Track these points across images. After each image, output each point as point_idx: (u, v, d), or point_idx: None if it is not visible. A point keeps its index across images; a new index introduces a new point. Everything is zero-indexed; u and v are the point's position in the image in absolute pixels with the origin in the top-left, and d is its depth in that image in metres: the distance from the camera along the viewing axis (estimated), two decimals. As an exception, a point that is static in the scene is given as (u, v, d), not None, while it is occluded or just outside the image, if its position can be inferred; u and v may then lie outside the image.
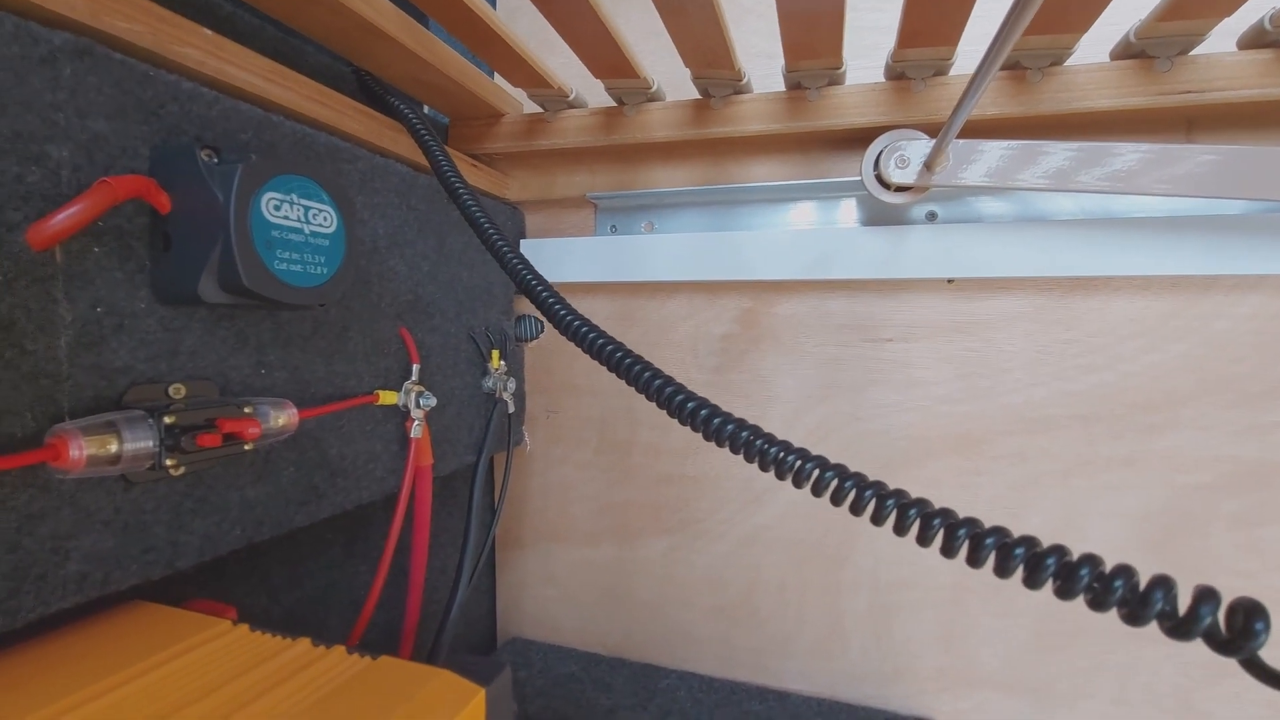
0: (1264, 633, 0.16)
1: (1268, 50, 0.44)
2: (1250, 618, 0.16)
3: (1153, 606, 0.17)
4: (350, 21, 0.42)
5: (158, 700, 0.25)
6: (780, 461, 0.25)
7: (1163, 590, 0.17)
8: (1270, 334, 0.49)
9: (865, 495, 0.23)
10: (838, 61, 0.49)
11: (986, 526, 0.20)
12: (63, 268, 0.27)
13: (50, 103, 0.27)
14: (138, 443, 0.28)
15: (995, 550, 0.20)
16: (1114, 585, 0.18)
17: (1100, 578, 0.18)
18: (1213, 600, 0.17)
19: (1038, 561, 0.19)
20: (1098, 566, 0.18)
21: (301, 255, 0.33)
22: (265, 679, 0.27)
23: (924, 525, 0.21)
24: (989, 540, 0.20)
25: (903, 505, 0.22)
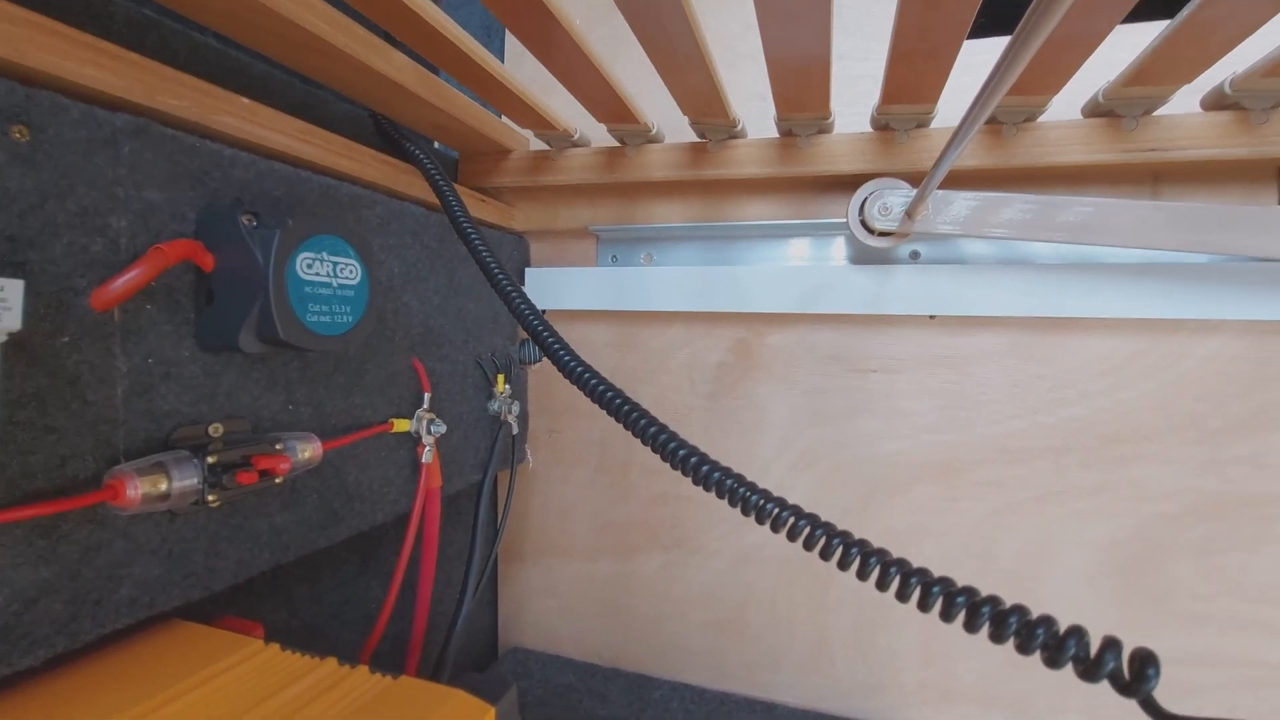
0: (1155, 678, 0.19)
1: (1226, 112, 0.47)
2: (1144, 665, 0.19)
3: (1067, 652, 0.20)
4: (369, 76, 0.45)
5: None
6: (760, 509, 0.28)
7: (1076, 638, 0.20)
8: (1230, 374, 0.52)
9: (833, 543, 0.26)
10: (826, 113, 0.52)
11: (934, 576, 0.24)
12: (119, 325, 0.31)
13: (112, 179, 0.30)
14: (185, 480, 0.31)
15: (941, 597, 0.23)
16: (1036, 633, 0.21)
17: (1027, 625, 0.21)
18: (1115, 648, 0.20)
19: (975, 609, 0.22)
20: (1024, 617, 0.21)
21: (330, 307, 0.36)
22: (297, 698, 0.30)
23: (882, 573, 0.24)
24: (935, 589, 0.23)
25: (864, 555, 0.25)
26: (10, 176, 0.26)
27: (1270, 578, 0.52)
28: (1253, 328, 0.51)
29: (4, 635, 0.27)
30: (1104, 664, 0.19)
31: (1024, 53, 0.22)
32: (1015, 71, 0.25)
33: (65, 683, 0.30)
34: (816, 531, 0.26)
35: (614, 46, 0.62)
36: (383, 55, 0.44)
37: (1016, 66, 0.24)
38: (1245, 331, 0.52)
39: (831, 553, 0.26)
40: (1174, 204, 0.45)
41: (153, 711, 0.28)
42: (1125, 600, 0.55)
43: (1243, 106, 0.47)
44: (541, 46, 0.45)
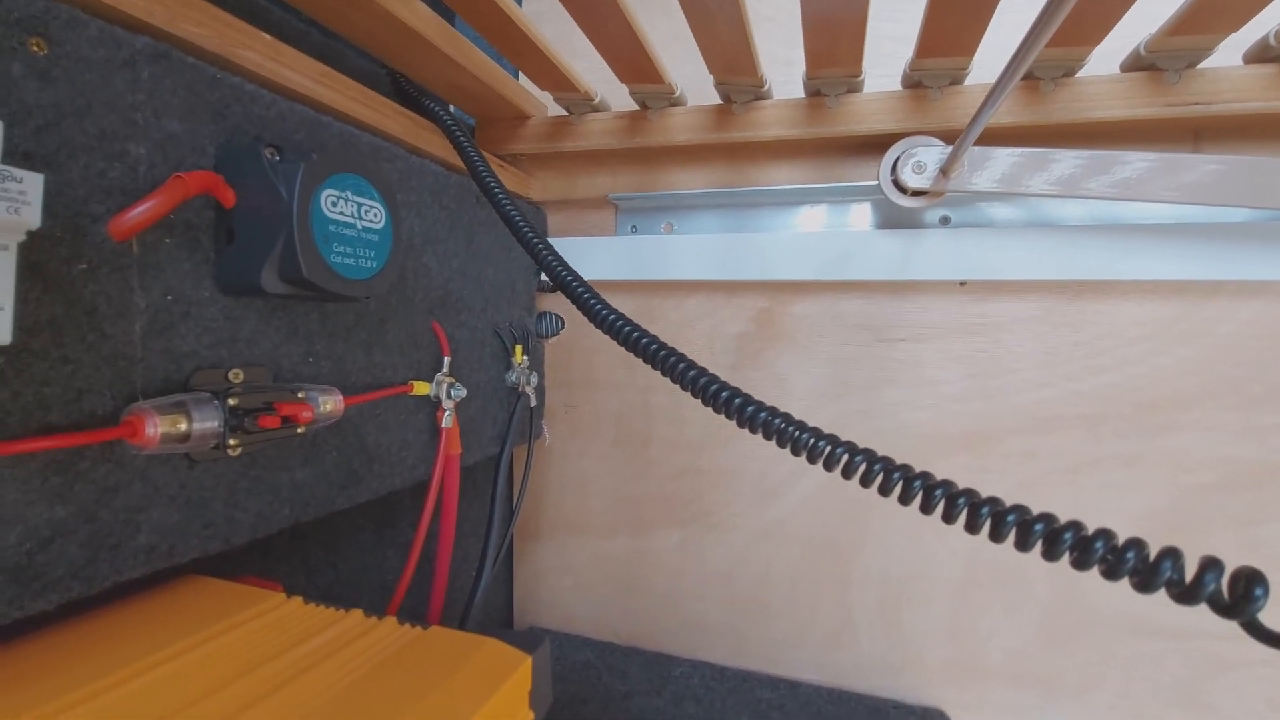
0: (1263, 598, 0.18)
1: (1271, 65, 0.46)
2: (1250, 584, 0.18)
3: (1161, 575, 0.19)
4: (390, 25, 0.44)
5: (218, 668, 0.26)
6: (812, 447, 0.26)
7: (1171, 560, 0.19)
8: (1271, 338, 0.50)
9: (894, 477, 0.24)
10: (858, 70, 0.51)
11: (1006, 505, 0.22)
12: (138, 258, 0.29)
13: (130, 103, 0.29)
14: (205, 422, 0.30)
15: (1016, 527, 0.21)
16: (1126, 556, 0.19)
17: (1113, 550, 0.20)
18: (1217, 568, 0.18)
19: (1055, 536, 0.21)
20: (1111, 539, 0.20)
21: (354, 249, 0.34)
22: (322, 648, 0.29)
23: (949, 505, 0.23)
24: (1010, 517, 0.21)
25: (928, 487, 0.23)
26: (27, 90, 0.25)
27: (1313, 549, 0.51)
28: (1296, 290, 0.50)
29: (16, 576, 0.26)
30: (1204, 585, 0.18)
31: None
32: (1058, 19, 0.24)
33: (78, 632, 0.28)
34: (875, 466, 0.25)
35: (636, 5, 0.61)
36: (405, 3, 0.43)
37: (1060, 13, 0.22)
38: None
39: (885, 483, 0.24)
40: (1235, 157, 0.43)
41: (168, 661, 0.27)
42: (1162, 573, 0.53)
43: (1290, 59, 0.45)
44: None
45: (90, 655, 0.26)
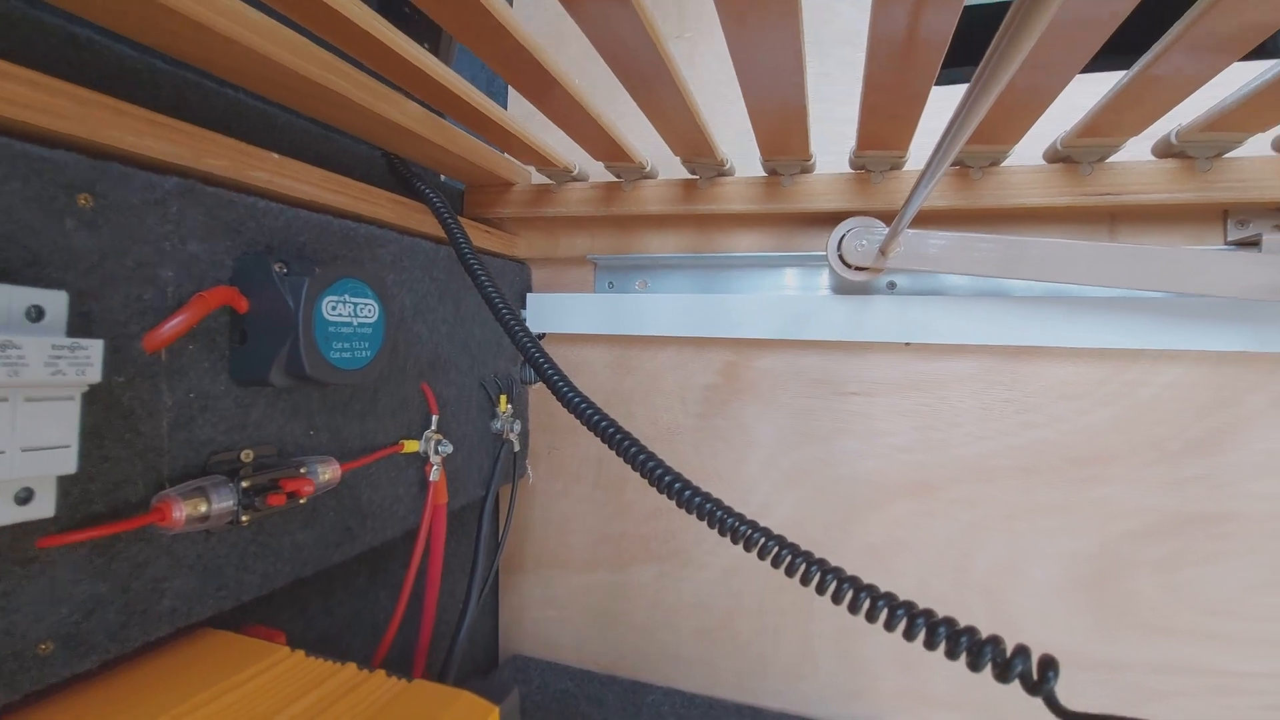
0: (1054, 679, 0.23)
1: (1174, 160, 0.51)
2: (1046, 668, 0.23)
3: (985, 657, 0.24)
4: (384, 125, 0.49)
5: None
6: (734, 530, 0.31)
7: (993, 646, 0.24)
8: (1186, 400, 0.56)
9: (795, 563, 0.29)
10: (806, 155, 0.56)
11: (880, 591, 0.27)
12: (165, 364, 0.34)
13: (161, 234, 0.34)
14: (222, 503, 0.35)
15: (885, 609, 0.26)
16: (960, 640, 0.24)
17: (954, 634, 0.25)
18: (1025, 654, 0.23)
19: (912, 619, 0.26)
20: (953, 627, 0.25)
21: (350, 344, 0.40)
22: (321, 700, 0.34)
23: (837, 590, 0.28)
24: (880, 603, 0.26)
25: (824, 573, 0.28)
26: (78, 238, 0.30)
27: (1224, 591, 0.55)
28: (1206, 357, 0.55)
29: (66, 643, 0.31)
30: (1014, 667, 0.23)
31: (978, 107, 0.25)
32: (971, 124, 0.29)
33: (111, 688, 0.33)
34: (777, 548, 0.30)
35: (610, 88, 0.66)
36: (396, 106, 0.48)
37: (971, 120, 0.27)
38: (1198, 361, 0.55)
39: (789, 567, 0.29)
40: (1125, 245, 0.49)
41: (191, 712, 0.32)
42: (1091, 613, 0.58)
43: (1188, 155, 0.51)
44: (541, 99, 0.49)
45: (122, 708, 0.31)
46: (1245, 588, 0.55)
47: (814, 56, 0.66)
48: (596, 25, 0.39)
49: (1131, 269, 0.50)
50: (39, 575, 0.29)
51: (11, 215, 0.28)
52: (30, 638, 0.29)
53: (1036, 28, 0.16)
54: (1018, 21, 0.16)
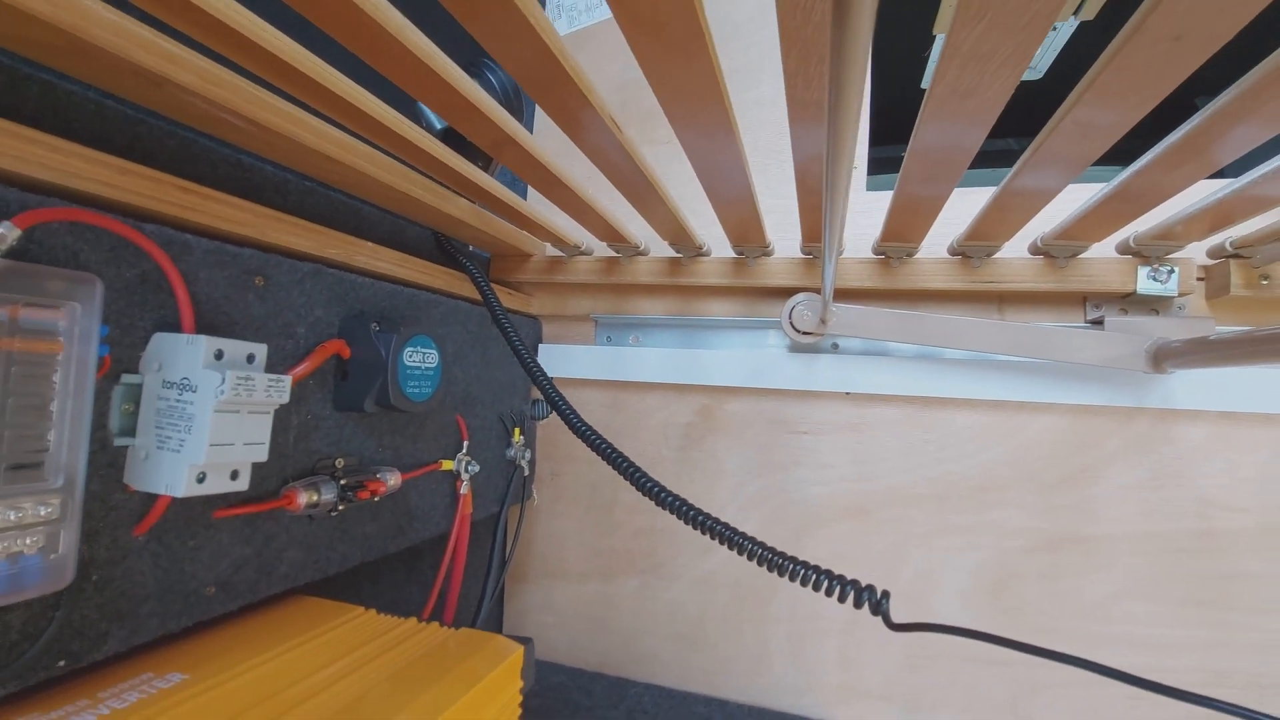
0: (887, 602, 0.36)
1: (1041, 257, 0.68)
2: (883, 596, 0.36)
3: (848, 592, 0.37)
4: (441, 215, 0.65)
5: (321, 655, 0.44)
6: (712, 528, 0.45)
7: (853, 586, 0.38)
8: (1059, 442, 0.71)
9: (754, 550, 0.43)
10: (764, 243, 0.72)
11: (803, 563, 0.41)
12: (295, 393, 0.48)
13: (299, 304, 0.48)
14: (328, 495, 0.48)
15: (801, 572, 0.40)
16: (834, 583, 0.38)
17: (829, 580, 0.38)
18: (871, 589, 0.37)
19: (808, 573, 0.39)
20: (830, 575, 0.39)
21: (419, 383, 0.54)
22: (385, 644, 0.46)
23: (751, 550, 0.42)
24: (790, 564, 0.40)
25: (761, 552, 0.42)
26: (255, 307, 0.45)
27: (1094, 599, 0.69)
28: (1073, 409, 0.70)
29: (224, 588, 0.44)
30: (863, 597, 0.37)
31: (835, 215, 0.41)
32: (836, 226, 0.44)
33: (236, 630, 0.46)
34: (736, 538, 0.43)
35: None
36: (451, 202, 0.64)
37: (835, 223, 0.43)
38: (1068, 412, 0.71)
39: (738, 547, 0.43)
40: (1002, 322, 0.64)
41: (295, 648, 0.44)
42: (992, 615, 0.71)
43: (1051, 255, 0.67)
44: (556, 195, 0.65)
45: (250, 641, 0.44)
46: (1109, 596, 0.69)
47: (775, 160, 0.83)
48: (594, 150, 0.54)
49: (1010, 340, 0.65)
50: (213, 537, 0.43)
51: (220, 291, 0.43)
52: (203, 580, 0.42)
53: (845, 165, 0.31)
54: (832, 158, 0.32)
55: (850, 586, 0.37)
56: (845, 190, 0.38)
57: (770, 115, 0.84)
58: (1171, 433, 0.68)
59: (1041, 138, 0.44)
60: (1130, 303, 0.68)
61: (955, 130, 0.42)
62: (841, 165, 0.32)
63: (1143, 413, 0.69)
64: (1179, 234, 0.61)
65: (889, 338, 0.67)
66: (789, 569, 0.40)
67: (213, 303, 0.42)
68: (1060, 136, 0.42)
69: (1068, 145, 0.44)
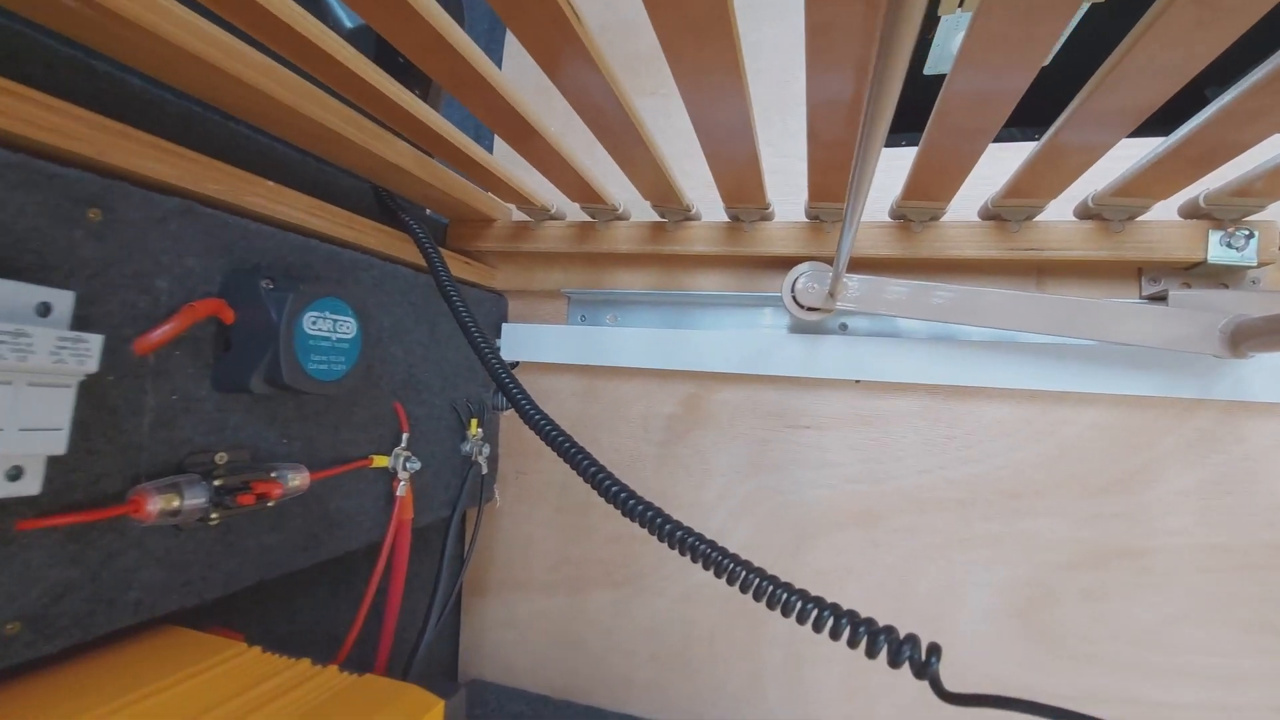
0: (937, 663, 0.26)
1: (1091, 221, 0.57)
2: (930, 653, 0.26)
3: (879, 644, 0.27)
4: (374, 160, 0.53)
5: (183, 709, 0.33)
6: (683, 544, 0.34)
7: (886, 634, 0.27)
8: (1106, 440, 0.60)
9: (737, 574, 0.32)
10: (764, 204, 0.61)
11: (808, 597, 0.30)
12: (152, 366, 0.37)
13: (159, 249, 0.37)
14: (194, 500, 0.37)
15: (799, 603, 0.29)
16: (859, 630, 0.27)
17: (855, 626, 0.28)
18: (912, 641, 0.26)
19: (821, 614, 0.29)
20: (855, 619, 0.28)
21: (328, 357, 0.43)
22: (271, 691, 0.35)
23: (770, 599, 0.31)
24: (794, 599, 0.29)
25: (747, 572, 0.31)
26: (85, 248, 0.33)
27: (1144, 623, 0.59)
28: (1123, 401, 0.60)
29: (34, 625, 0.32)
30: (903, 652, 0.26)
31: (865, 169, 0.30)
32: (864, 184, 0.33)
33: (69, 675, 0.34)
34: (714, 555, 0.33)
35: (590, 137, 0.71)
36: (386, 144, 0.52)
37: (863, 181, 0.32)
38: (1117, 404, 0.60)
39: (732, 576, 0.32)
40: (1037, 294, 0.54)
41: (149, 697, 0.33)
42: (1023, 640, 0.61)
43: (1104, 217, 0.56)
44: (525, 147, 0.54)
45: (83, 692, 0.33)
46: (1164, 620, 0.58)
47: (777, 114, 0.72)
48: (573, 87, 0.43)
49: (1056, 317, 0.55)
50: (15, 557, 0.31)
51: (26, 222, 0.31)
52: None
53: (888, 108, 0.20)
54: (873, 101, 0.21)
55: (883, 637, 0.27)
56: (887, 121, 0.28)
57: (771, 63, 0.73)
58: (1241, 429, 0.57)
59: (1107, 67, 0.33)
60: (1195, 275, 0.57)
61: (1001, 68, 0.31)
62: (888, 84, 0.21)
63: (1206, 405, 0.58)
64: (1260, 190, 0.50)
65: (910, 314, 0.57)
66: (784, 601, 0.30)
67: (13, 236, 0.31)
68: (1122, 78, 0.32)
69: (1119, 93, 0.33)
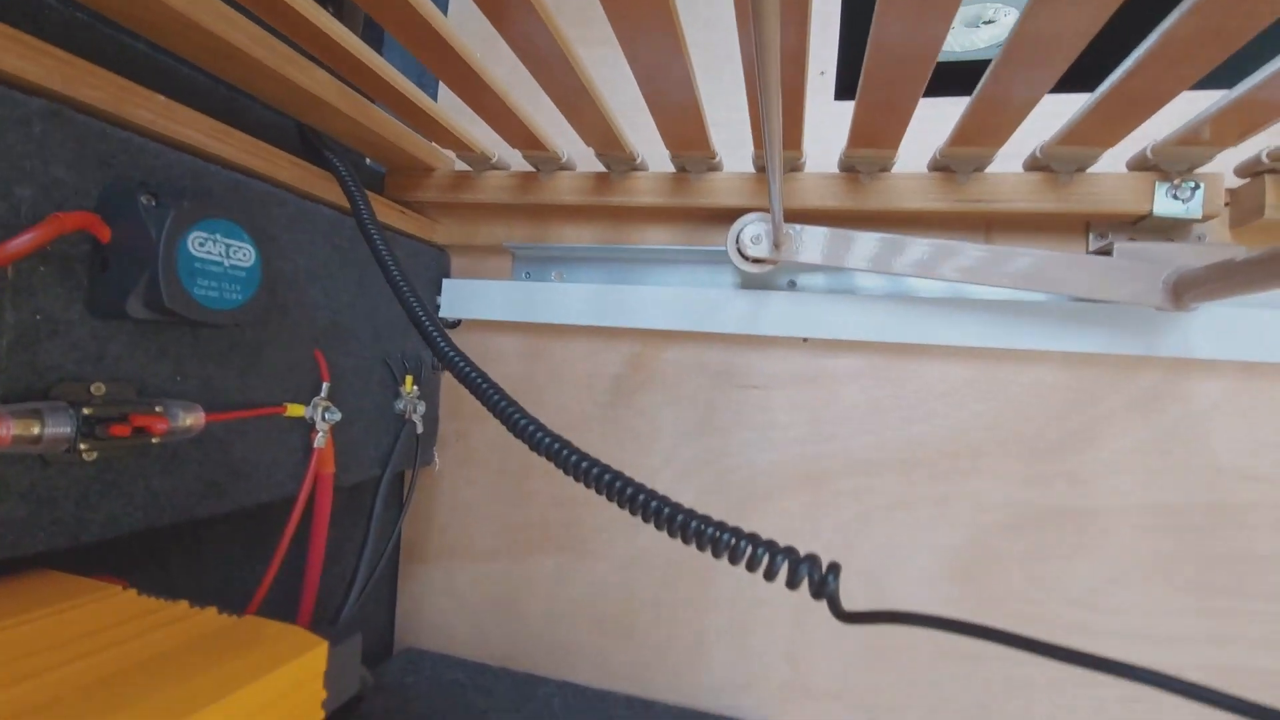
0: (835, 582, 0.24)
1: (1039, 173, 0.56)
2: (828, 572, 0.24)
3: (778, 567, 0.25)
4: (289, 89, 0.50)
5: (27, 644, 0.30)
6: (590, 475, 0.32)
7: (785, 556, 0.25)
8: (1050, 400, 0.59)
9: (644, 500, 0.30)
10: (710, 153, 0.59)
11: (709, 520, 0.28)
12: (11, 281, 0.34)
13: (21, 153, 0.34)
14: (57, 428, 0.34)
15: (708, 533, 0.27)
16: (759, 552, 0.25)
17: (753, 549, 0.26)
18: (811, 561, 0.24)
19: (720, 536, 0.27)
20: (757, 543, 0.26)
21: (219, 284, 0.39)
22: (135, 629, 0.32)
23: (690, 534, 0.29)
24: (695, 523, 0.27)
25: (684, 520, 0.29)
26: (-81, 140, 0.30)
27: (1086, 584, 0.58)
28: (1069, 359, 0.59)
29: None
30: (800, 573, 0.24)
31: (769, 113, 0.28)
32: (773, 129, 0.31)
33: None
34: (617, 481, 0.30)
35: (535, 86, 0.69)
36: (304, 71, 0.49)
37: (771, 126, 0.30)
38: (1063, 362, 0.59)
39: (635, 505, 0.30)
40: (980, 245, 0.52)
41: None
42: (965, 602, 0.60)
43: (1052, 169, 0.55)
44: (466, 90, 0.51)
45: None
46: (1103, 581, 0.58)
47: (728, 63, 0.70)
48: (511, 30, 0.41)
49: (999, 268, 0.54)
50: None
51: None
52: None
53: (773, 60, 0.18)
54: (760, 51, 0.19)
55: (783, 557, 0.25)
56: (776, 83, 0.27)
57: (720, 12, 0.71)
58: (1184, 389, 0.57)
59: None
60: (1142, 229, 0.56)
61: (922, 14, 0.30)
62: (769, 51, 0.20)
63: (1151, 364, 0.58)
64: (1206, 139, 0.49)
65: (856, 265, 0.55)
66: (691, 529, 0.28)
67: None
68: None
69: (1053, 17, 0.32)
